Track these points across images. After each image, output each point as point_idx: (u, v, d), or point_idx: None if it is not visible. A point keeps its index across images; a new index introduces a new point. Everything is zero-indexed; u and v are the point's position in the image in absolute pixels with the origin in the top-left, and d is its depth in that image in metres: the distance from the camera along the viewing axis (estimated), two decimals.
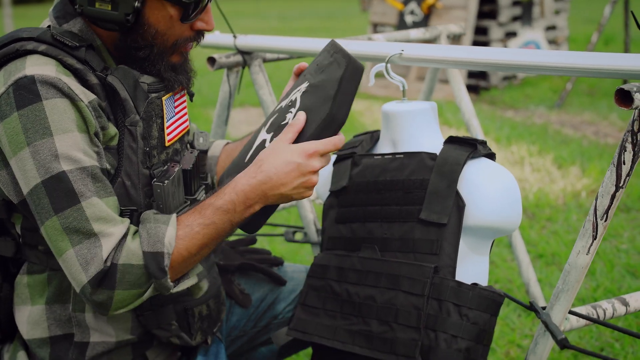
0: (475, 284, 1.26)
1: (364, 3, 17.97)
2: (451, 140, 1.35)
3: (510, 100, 6.20)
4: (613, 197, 1.15)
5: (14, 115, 1.12)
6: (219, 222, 1.19)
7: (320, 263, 1.43)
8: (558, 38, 7.08)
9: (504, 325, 2.40)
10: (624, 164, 1.13)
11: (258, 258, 1.67)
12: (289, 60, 2.11)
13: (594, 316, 1.27)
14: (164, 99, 1.27)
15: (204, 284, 1.26)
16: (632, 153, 1.13)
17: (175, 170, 1.28)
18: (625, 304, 1.31)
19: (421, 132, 1.41)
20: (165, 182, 1.23)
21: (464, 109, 2.12)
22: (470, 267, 1.31)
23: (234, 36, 1.91)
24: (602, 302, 1.30)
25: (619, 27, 7.92)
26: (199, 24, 1.27)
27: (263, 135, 1.37)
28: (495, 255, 2.95)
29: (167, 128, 1.29)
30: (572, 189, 3.77)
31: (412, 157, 1.36)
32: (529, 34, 6.46)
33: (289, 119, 1.30)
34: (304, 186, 1.22)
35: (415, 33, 2.13)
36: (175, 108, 1.32)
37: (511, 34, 6.54)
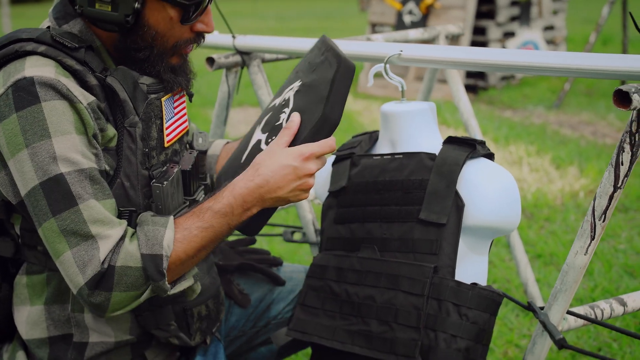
0: (474, 284, 1.26)
1: (362, 3, 17.97)
2: (450, 141, 1.36)
3: (508, 100, 6.20)
4: (611, 198, 1.15)
5: (12, 116, 1.12)
6: (217, 225, 1.20)
7: (320, 263, 1.43)
8: (556, 38, 7.08)
9: (502, 325, 2.40)
10: (622, 164, 1.14)
11: (257, 258, 1.68)
12: (288, 61, 2.11)
13: (592, 316, 1.27)
14: (163, 100, 1.27)
15: (198, 287, 1.26)
16: (630, 154, 1.13)
17: (175, 171, 1.28)
18: (623, 304, 1.31)
19: (420, 133, 1.41)
20: (164, 183, 1.23)
21: (462, 109, 2.13)
22: (470, 267, 1.31)
23: (233, 36, 1.91)
24: (600, 302, 1.30)
25: (617, 28, 7.92)
26: (199, 26, 1.27)
27: (258, 135, 1.37)
28: (493, 255, 2.95)
29: (167, 129, 1.29)
30: (570, 189, 3.77)
31: (411, 158, 1.36)
32: (527, 34, 6.46)
33: (283, 119, 1.31)
34: (300, 189, 1.24)
35: (413, 33, 2.13)
36: (174, 109, 1.32)
37: (509, 34, 6.54)
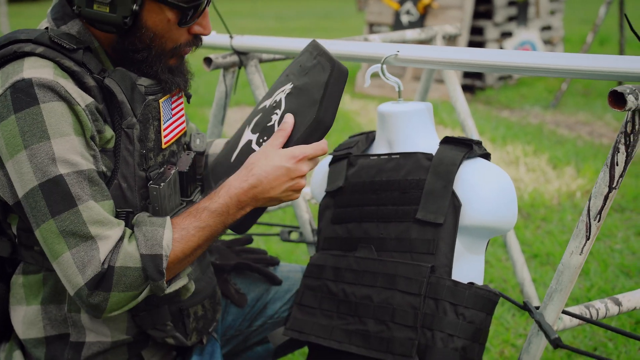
0: (471, 283, 1.27)
1: (360, 3, 17.95)
2: (447, 141, 1.36)
3: (505, 100, 6.20)
4: (606, 198, 1.16)
5: (11, 118, 1.12)
6: (213, 225, 1.22)
7: (317, 263, 1.43)
8: (553, 38, 7.09)
9: (499, 325, 2.40)
10: (617, 165, 1.14)
11: (254, 258, 1.68)
12: (285, 61, 2.11)
13: (587, 316, 1.28)
14: (161, 101, 1.27)
15: (192, 286, 1.27)
16: (625, 154, 1.13)
17: (172, 172, 1.28)
18: (618, 303, 1.31)
19: (417, 133, 1.42)
20: (161, 185, 1.23)
21: (459, 109, 2.13)
22: (466, 267, 1.32)
23: (231, 36, 1.91)
24: (596, 302, 1.30)
25: (614, 28, 7.94)
26: (196, 28, 1.27)
27: (248, 135, 1.38)
28: (490, 254, 2.95)
29: (164, 130, 1.29)
30: (567, 189, 3.78)
31: (408, 158, 1.37)
32: (525, 34, 6.46)
33: (275, 120, 1.32)
34: (292, 189, 1.26)
35: (411, 34, 2.14)
36: (172, 110, 1.32)
37: (507, 34, 6.55)
